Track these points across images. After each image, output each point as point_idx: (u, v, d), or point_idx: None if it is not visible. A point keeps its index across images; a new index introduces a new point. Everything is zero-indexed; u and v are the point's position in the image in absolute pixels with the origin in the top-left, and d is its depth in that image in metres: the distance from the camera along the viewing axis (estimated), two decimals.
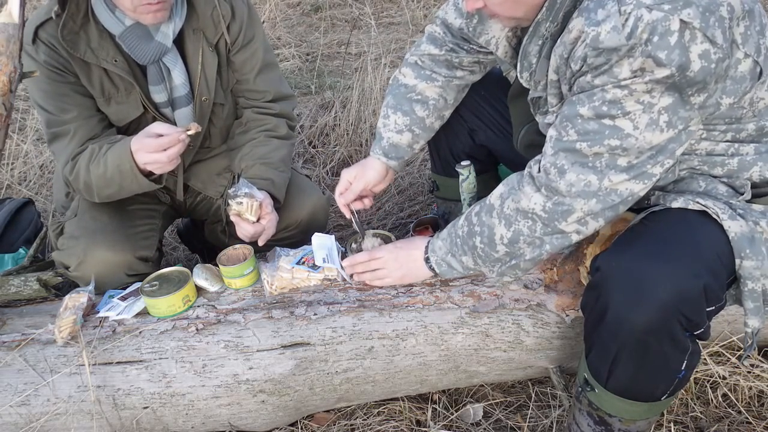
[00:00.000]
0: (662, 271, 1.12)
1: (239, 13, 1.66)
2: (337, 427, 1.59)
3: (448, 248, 1.40)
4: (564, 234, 1.24)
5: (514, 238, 1.27)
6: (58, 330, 1.43)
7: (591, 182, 1.16)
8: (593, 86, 1.12)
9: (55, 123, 1.57)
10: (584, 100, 1.13)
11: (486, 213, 1.31)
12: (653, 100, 1.08)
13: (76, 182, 1.59)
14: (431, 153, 1.83)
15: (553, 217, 1.21)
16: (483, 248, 1.33)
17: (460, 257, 1.39)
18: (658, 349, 1.16)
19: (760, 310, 1.23)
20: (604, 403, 1.29)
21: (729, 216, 1.18)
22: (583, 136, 1.14)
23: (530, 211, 1.23)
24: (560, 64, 1.19)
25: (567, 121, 1.17)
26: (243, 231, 1.55)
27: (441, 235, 1.43)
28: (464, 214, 1.39)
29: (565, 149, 1.17)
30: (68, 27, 1.50)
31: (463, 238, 1.36)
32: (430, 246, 1.44)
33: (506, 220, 1.28)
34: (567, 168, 1.17)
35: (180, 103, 1.67)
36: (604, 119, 1.12)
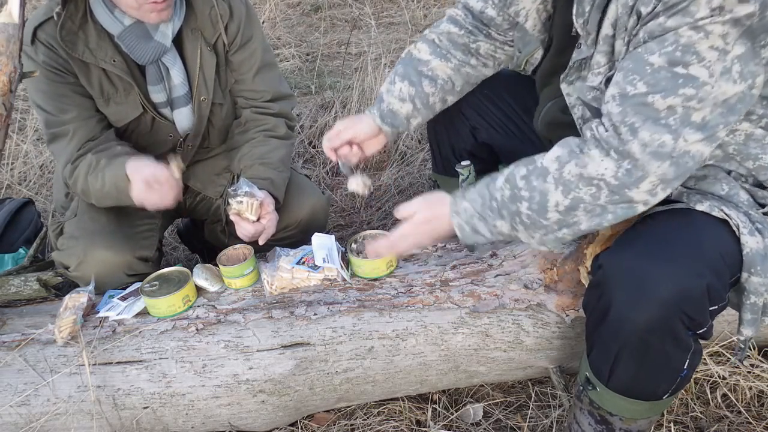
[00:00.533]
0: (665, 270, 1.11)
1: (237, 13, 1.66)
2: (337, 427, 1.59)
3: (479, 212, 1.25)
4: (631, 203, 1.12)
5: (573, 205, 1.14)
6: (58, 330, 1.43)
7: (666, 142, 1.06)
8: (665, 29, 1.03)
9: (54, 123, 1.57)
10: (654, 48, 1.05)
11: (538, 177, 1.16)
12: (727, 46, 1.01)
13: (74, 187, 1.61)
14: (432, 152, 1.83)
15: (624, 184, 1.09)
16: (530, 215, 1.19)
17: (492, 222, 1.24)
18: (660, 348, 1.16)
19: (757, 321, 1.23)
20: (606, 401, 1.29)
21: (749, 231, 1.16)
22: (655, 87, 1.05)
23: (598, 178, 1.10)
24: (622, 14, 1.12)
25: (633, 74, 1.07)
26: (243, 230, 1.55)
27: (468, 196, 1.27)
28: (502, 175, 1.23)
29: (634, 104, 1.07)
30: (67, 27, 1.50)
31: (502, 202, 1.21)
32: (453, 207, 1.29)
33: (565, 186, 1.13)
34: (639, 126, 1.06)
35: (179, 103, 1.67)
36: (677, 67, 1.03)
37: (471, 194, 1.27)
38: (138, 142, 1.69)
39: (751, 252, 1.16)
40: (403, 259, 1.61)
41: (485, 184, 1.26)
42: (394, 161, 2.78)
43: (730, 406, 1.57)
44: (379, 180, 2.68)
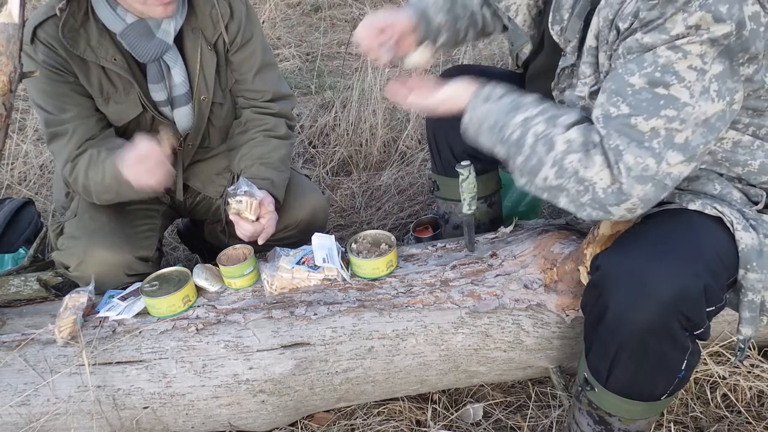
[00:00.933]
0: (663, 271, 1.12)
1: (237, 13, 1.66)
2: (337, 427, 1.59)
3: (488, 126, 1.25)
4: (608, 214, 1.15)
5: (558, 188, 1.16)
6: (58, 330, 1.43)
7: (649, 166, 1.07)
8: (642, 46, 1.06)
9: (53, 123, 1.57)
10: (634, 69, 1.07)
11: (545, 146, 1.15)
12: (705, 66, 1.03)
13: (75, 184, 1.60)
14: (432, 153, 1.83)
15: (608, 201, 1.12)
16: (521, 167, 1.20)
17: (494, 142, 1.25)
18: (657, 348, 1.16)
19: (756, 320, 1.23)
20: (604, 402, 1.29)
21: (743, 227, 1.17)
22: (637, 108, 1.07)
23: (590, 182, 1.12)
24: (603, 27, 1.13)
25: (616, 96, 1.09)
26: (242, 230, 1.54)
27: (489, 106, 1.26)
28: (523, 111, 1.21)
29: (618, 127, 1.09)
30: (69, 24, 1.51)
31: (508, 138, 1.21)
32: (473, 102, 1.28)
33: (559, 170, 1.14)
34: (623, 149, 1.08)
35: (179, 102, 1.67)
36: (658, 88, 1.05)
37: (491, 106, 1.25)
38: None
39: (746, 248, 1.17)
40: (403, 259, 1.61)
41: (507, 110, 1.23)
42: (394, 161, 2.78)
43: (730, 406, 1.57)
44: (379, 180, 2.69)
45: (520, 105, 1.23)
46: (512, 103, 1.24)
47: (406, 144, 2.84)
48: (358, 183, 2.69)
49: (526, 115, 1.20)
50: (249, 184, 1.53)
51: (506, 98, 1.25)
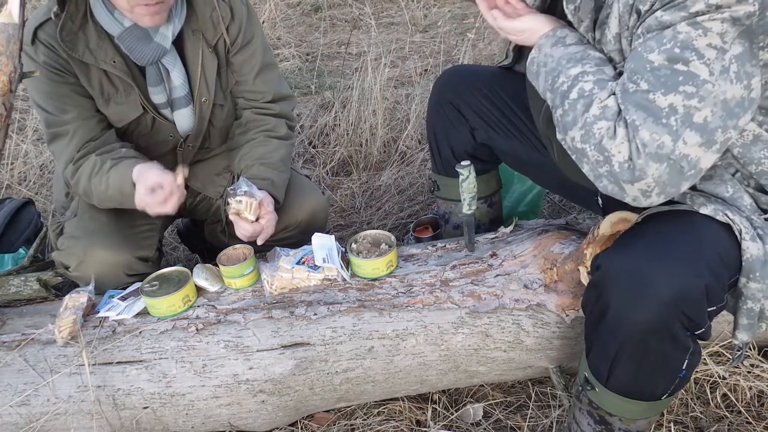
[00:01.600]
0: (663, 271, 1.12)
1: (238, 14, 1.66)
2: (337, 427, 1.59)
3: (547, 69, 1.25)
4: (622, 191, 1.12)
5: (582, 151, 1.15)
6: (58, 330, 1.43)
7: (665, 143, 1.05)
8: (661, 24, 1.04)
9: (54, 123, 1.57)
10: (653, 46, 1.06)
11: (583, 105, 1.15)
12: (725, 45, 1.01)
13: (76, 187, 1.61)
14: (432, 153, 1.83)
15: (622, 176, 1.10)
16: (558, 121, 1.20)
17: (547, 87, 1.25)
18: (658, 348, 1.16)
19: (753, 326, 1.23)
20: (605, 402, 1.29)
21: (750, 237, 1.16)
22: (655, 84, 1.05)
23: (609, 154, 1.10)
24: (623, 12, 1.13)
25: (635, 74, 1.08)
26: (242, 230, 1.54)
27: (556, 51, 1.25)
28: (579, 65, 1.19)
29: (636, 102, 1.07)
30: (67, 28, 1.50)
31: (557, 88, 1.21)
32: (542, 40, 1.27)
33: (586, 134, 1.13)
34: (639, 124, 1.06)
35: (179, 104, 1.67)
36: (677, 64, 1.03)
37: (557, 50, 1.24)
38: (138, 142, 1.69)
39: (751, 258, 1.16)
40: (403, 259, 1.61)
41: (568, 58, 1.22)
42: (394, 161, 2.78)
43: (730, 406, 1.57)
44: (379, 180, 2.69)
45: (582, 58, 1.21)
46: (577, 53, 1.22)
47: (406, 144, 2.84)
48: (358, 183, 2.69)
49: (582, 69, 1.19)
50: (249, 184, 1.53)
51: (574, 47, 1.23)
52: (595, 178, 1.15)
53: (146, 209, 1.50)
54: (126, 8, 1.47)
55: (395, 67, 3.47)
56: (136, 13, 1.47)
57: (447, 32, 3.90)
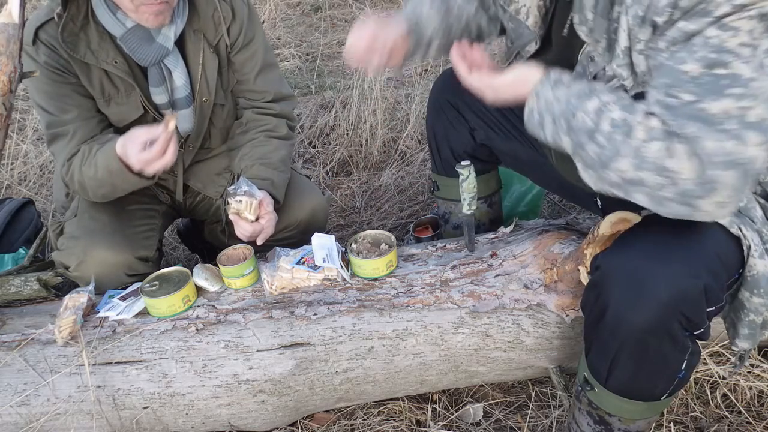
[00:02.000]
0: (662, 271, 1.11)
1: (239, 14, 1.66)
2: (337, 427, 1.59)
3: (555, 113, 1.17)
4: (695, 210, 1.05)
5: (635, 180, 1.07)
6: (58, 330, 1.43)
7: (731, 149, 0.99)
8: (687, 34, 1.00)
9: (55, 124, 1.57)
10: (684, 57, 1.01)
11: (622, 134, 1.07)
12: (755, 41, 0.98)
13: (71, 183, 1.60)
14: (432, 153, 1.83)
15: (695, 192, 1.02)
16: (593, 158, 1.11)
17: (559, 132, 1.17)
18: (657, 348, 1.16)
19: (754, 336, 1.24)
20: (604, 402, 1.29)
21: (759, 254, 1.16)
22: (701, 93, 1.00)
23: (675, 173, 1.03)
24: (633, 24, 1.08)
25: (673, 88, 1.02)
26: (241, 230, 1.55)
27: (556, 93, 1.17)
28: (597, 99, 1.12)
29: (687, 114, 1.01)
30: (68, 28, 1.50)
31: (578, 127, 1.13)
32: (539, 87, 1.20)
33: (638, 161, 1.05)
34: (699, 135, 1.00)
35: (181, 104, 1.67)
36: (717, 68, 0.99)
37: (560, 91, 1.17)
38: None
39: (757, 275, 1.17)
40: (403, 259, 1.61)
41: (578, 95, 1.15)
42: (394, 161, 2.78)
43: (730, 406, 1.57)
44: (379, 180, 2.69)
45: (593, 91, 1.15)
46: (584, 88, 1.16)
47: (406, 144, 2.84)
48: (358, 183, 2.70)
49: (600, 101, 1.12)
50: (249, 184, 1.53)
51: (576, 84, 1.18)
52: (656, 204, 1.07)
53: (147, 169, 1.45)
54: (130, 8, 1.47)
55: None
56: (140, 13, 1.47)
57: None
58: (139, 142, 1.43)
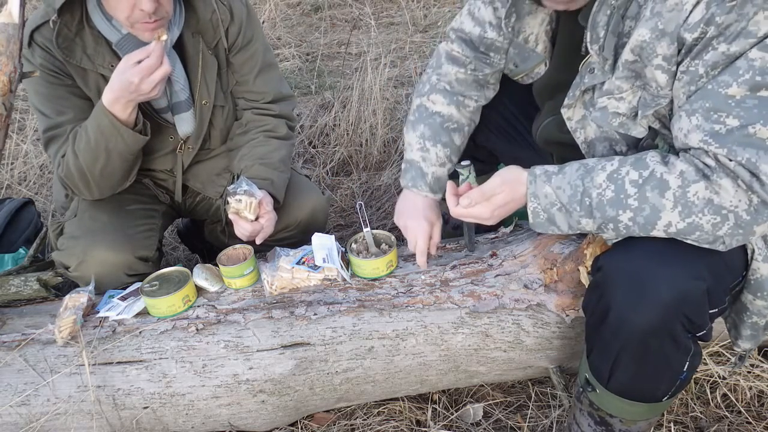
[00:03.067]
0: (665, 273, 1.11)
1: (238, 15, 1.66)
2: (337, 427, 1.59)
3: (564, 202, 1.16)
4: (750, 236, 1.06)
5: (687, 231, 1.07)
6: (58, 330, 1.43)
7: None
8: (730, 57, 1.00)
9: (52, 126, 1.57)
10: (728, 81, 1.01)
11: (654, 189, 1.07)
12: None
13: (69, 177, 1.57)
14: None
15: (754, 220, 1.03)
16: (630, 226, 1.11)
17: (578, 217, 1.15)
18: (659, 350, 1.16)
19: (756, 336, 1.24)
20: (605, 403, 1.29)
21: (763, 258, 1.16)
22: (748, 118, 1.00)
23: (729, 209, 1.03)
24: (651, 39, 1.07)
25: (716, 112, 1.02)
26: (241, 229, 1.54)
27: (554, 183, 1.17)
28: (603, 170, 1.12)
29: (738, 140, 1.01)
30: (63, 34, 1.50)
31: (599, 202, 1.12)
32: (532, 189, 1.20)
33: (685, 209, 1.05)
34: (755, 160, 0.99)
35: (180, 108, 1.67)
36: (761, 91, 0.99)
37: (558, 181, 1.17)
38: None
39: (761, 278, 1.17)
40: (403, 259, 1.61)
41: (579, 175, 1.15)
42: (394, 161, 2.78)
43: (730, 406, 1.57)
44: (379, 180, 2.68)
45: (590, 166, 1.15)
46: (577, 168, 1.16)
47: None
48: (358, 183, 2.70)
49: (607, 171, 1.12)
50: (249, 183, 1.53)
51: (568, 168, 1.18)
52: (712, 242, 1.08)
53: (143, 85, 1.42)
54: (126, 24, 1.46)
55: (395, 67, 3.47)
56: (135, 29, 1.47)
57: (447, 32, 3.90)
58: (132, 61, 1.42)
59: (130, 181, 1.65)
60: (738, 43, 0.99)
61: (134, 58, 1.42)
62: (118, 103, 1.45)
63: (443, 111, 1.55)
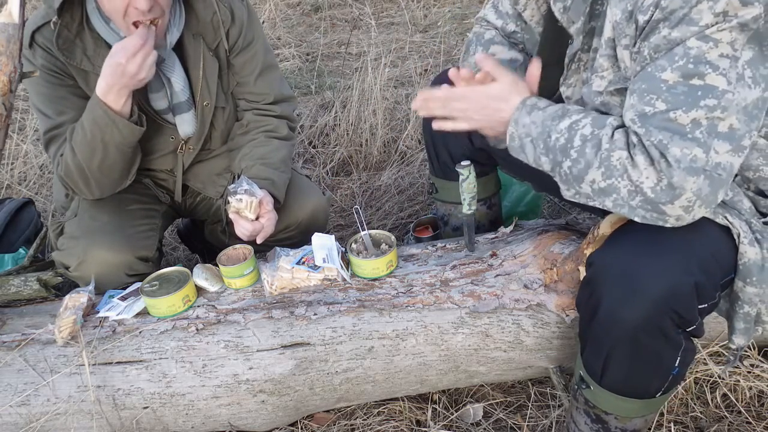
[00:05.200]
0: (653, 268, 1.12)
1: (238, 17, 1.66)
2: (337, 427, 1.59)
3: (533, 136, 1.22)
4: (663, 215, 1.09)
5: (607, 190, 1.11)
6: (58, 330, 1.43)
7: (697, 156, 1.03)
8: (671, 42, 1.03)
9: (53, 126, 1.57)
10: (665, 65, 1.04)
11: (593, 147, 1.12)
12: (736, 53, 1.01)
13: (69, 174, 1.57)
14: (429, 156, 1.83)
15: (659, 199, 1.07)
16: (567, 173, 1.16)
17: (539, 153, 1.21)
18: (650, 345, 1.16)
19: (749, 330, 1.24)
20: (600, 400, 1.29)
21: (749, 241, 1.16)
22: (674, 103, 1.04)
23: (638, 183, 1.08)
24: (621, 19, 1.10)
25: (649, 94, 1.06)
26: (241, 229, 1.54)
27: (533, 116, 1.22)
28: (568, 117, 1.18)
29: (657, 125, 1.05)
30: (63, 36, 1.50)
31: (554, 145, 1.18)
32: (516, 114, 1.24)
33: (607, 170, 1.10)
34: (667, 142, 1.04)
35: (181, 108, 1.67)
36: (693, 79, 1.02)
37: (536, 115, 1.22)
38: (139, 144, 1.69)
39: (748, 262, 1.17)
40: (403, 259, 1.61)
41: (551, 116, 1.20)
42: (394, 161, 2.78)
43: (730, 406, 1.57)
44: (379, 180, 2.69)
45: (565, 112, 1.20)
46: (558, 110, 1.21)
47: (406, 144, 2.84)
48: (358, 183, 2.70)
49: (572, 120, 1.17)
50: (250, 182, 1.53)
51: (551, 108, 1.22)
52: (629, 211, 1.12)
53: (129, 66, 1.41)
54: (122, 26, 1.47)
55: (395, 67, 3.47)
56: (132, 31, 1.47)
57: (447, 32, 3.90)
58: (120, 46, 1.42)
59: (129, 179, 1.65)
60: (680, 29, 1.02)
61: (122, 43, 1.42)
62: (111, 92, 1.44)
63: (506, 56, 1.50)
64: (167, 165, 1.78)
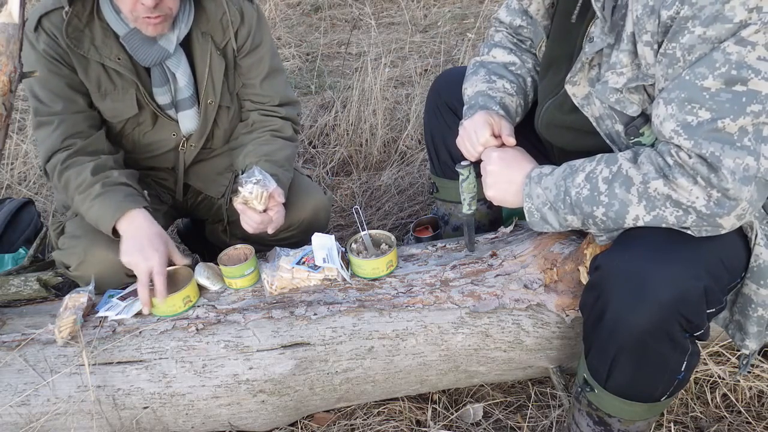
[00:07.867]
0: (662, 273, 1.11)
1: (248, 19, 1.67)
2: (337, 427, 1.59)
3: (551, 201, 1.23)
4: (718, 228, 1.09)
5: (654, 222, 1.12)
6: (58, 330, 1.43)
7: (749, 165, 1.02)
8: (706, 41, 1.01)
9: (42, 112, 1.58)
10: (705, 72, 1.03)
11: (621, 186, 1.13)
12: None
13: (56, 184, 1.61)
14: (430, 155, 1.83)
15: (715, 213, 1.06)
16: (605, 220, 1.17)
17: (564, 215, 1.22)
18: (657, 350, 1.16)
19: (762, 334, 1.23)
20: (604, 403, 1.29)
21: (765, 243, 1.16)
22: (720, 111, 1.02)
23: (687, 205, 1.08)
24: (642, 14, 1.09)
25: (691, 103, 1.05)
26: (248, 220, 1.54)
27: (543, 183, 1.24)
28: (582, 171, 1.19)
29: (706, 134, 1.03)
30: (73, 24, 1.52)
31: (577, 201, 1.19)
32: (527, 190, 1.27)
33: (649, 203, 1.10)
34: (720, 154, 1.03)
35: (184, 105, 1.67)
36: (736, 85, 1.01)
37: (547, 182, 1.24)
38: (139, 140, 1.70)
39: (763, 264, 1.16)
40: (403, 259, 1.61)
41: (563, 176, 1.22)
42: (394, 161, 2.78)
43: (730, 406, 1.57)
44: (379, 180, 2.69)
45: (573, 167, 1.21)
46: (565, 169, 1.22)
47: (406, 144, 2.84)
48: (358, 183, 2.70)
49: (586, 171, 1.19)
50: (263, 173, 1.53)
51: (558, 170, 1.24)
52: (685, 230, 1.12)
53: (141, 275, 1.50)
54: (130, 18, 1.48)
55: (395, 67, 3.47)
56: (139, 23, 1.48)
57: (447, 32, 3.91)
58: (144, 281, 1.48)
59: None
60: (714, 28, 1.01)
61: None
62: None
63: (505, 59, 1.55)
64: (169, 163, 1.79)
